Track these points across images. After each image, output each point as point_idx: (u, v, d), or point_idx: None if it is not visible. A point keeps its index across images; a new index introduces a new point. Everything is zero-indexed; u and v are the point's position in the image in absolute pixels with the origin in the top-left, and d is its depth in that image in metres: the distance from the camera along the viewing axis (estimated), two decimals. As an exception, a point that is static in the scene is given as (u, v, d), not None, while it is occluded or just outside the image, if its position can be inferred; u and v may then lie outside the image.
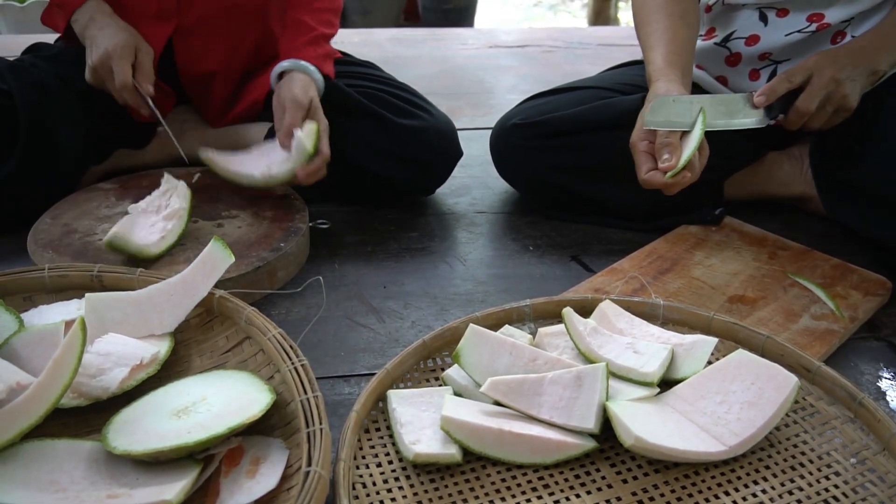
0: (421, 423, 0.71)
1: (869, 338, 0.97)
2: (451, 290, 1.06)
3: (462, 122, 1.69)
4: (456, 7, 4.21)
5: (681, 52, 1.05)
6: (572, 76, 1.46)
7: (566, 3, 5.85)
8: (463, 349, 0.75)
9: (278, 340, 0.73)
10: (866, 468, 0.69)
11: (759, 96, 1.01)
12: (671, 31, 1.05)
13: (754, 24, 1.13)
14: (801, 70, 1.02)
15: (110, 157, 1.26)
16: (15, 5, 3.27)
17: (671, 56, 1.03)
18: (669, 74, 1.01)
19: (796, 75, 1.01)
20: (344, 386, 0.87)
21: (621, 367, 0.75)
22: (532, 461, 0.69)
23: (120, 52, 1.07)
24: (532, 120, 1.19)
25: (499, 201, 1.32)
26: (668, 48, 1.04)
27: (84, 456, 0.63)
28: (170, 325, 0.78)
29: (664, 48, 1.04)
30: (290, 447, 0.66)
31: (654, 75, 1.02)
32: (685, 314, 0.85)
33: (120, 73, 1.07)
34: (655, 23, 1.07)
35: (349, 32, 2.76)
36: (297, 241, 1.05)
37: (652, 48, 1.05)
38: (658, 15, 1.08)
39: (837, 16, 1.08)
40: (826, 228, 1.20)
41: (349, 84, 1.22)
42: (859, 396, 0.73)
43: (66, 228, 1.05)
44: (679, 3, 1.08)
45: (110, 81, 1.09)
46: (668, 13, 1.07)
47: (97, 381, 0.70)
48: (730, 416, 0.71)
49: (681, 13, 1.08)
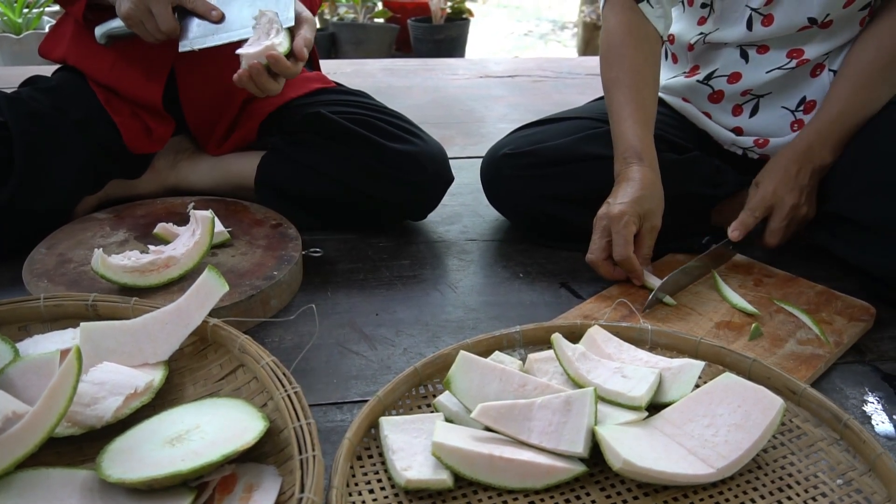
0: (413, 450, 0.72)
1: (854, 362, 0.98)
2: (442, 317, 1.07)
3: (453, 150, 1.71)
4: (447, 38, 4.28)
5: (649, 123, 1.10)
6: (562, 105, 1.49)
7: (556, 32, 5.95)
8: (454, 376, 0.76)
9: (272, 368, 0.73)
10: (853, 489, 0.70)
11: (733, 231, 1.11)
12: (639, 98, 1.10)
13: (735, 62, 1.16)
14: (762, 204, 1.11)
15: (105, 187, 1.27)
16: (11, 37, 3.30)
17: (643, 133, 1.08)
18: (653, 161, 1.08)
19: (758, 210, 1.12)
20: (336, 413, 0.88)
21: (610, 392, 0.76)
22: (523, 486, 0.69)
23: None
24: (522, 150, 1.21)
25: (489, 229, 1.34)
26: (643, 118, 1.09)
27: (78, 485, 0.64)
28: (164, 354, 0.79)
29: (634, 122, 1.08)
30: (283, 474, 0.66)
31: (629, 156, 1.08)
32: (673, 339, 0.86)
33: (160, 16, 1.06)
34: (627, 87, 1.10)
35: (342, 63, 2.80)
36: (289, 270, 1.06)
37: (626, 116, 1.09)
38: (629, 77, 1.11)
39: (817, 51, 1.11)
40: (810, 255, 1.22)
41: (342, 111, 1.24)
42: (844, 418, 0.74)
43: (62, 258, 1.06)
44: (645, 61, 1.12)
45: (149, 22, 1.07)
46: (635, 71, 1.11)
47: (92, 409, 0.71)
48: (717, 439, 0.72)
49: (648, 75, 1.12)
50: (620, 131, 1.09)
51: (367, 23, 4.25)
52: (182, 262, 1.02)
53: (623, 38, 1.12)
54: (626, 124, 1.08)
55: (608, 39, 1.14)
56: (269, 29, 1.05)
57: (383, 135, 1.22)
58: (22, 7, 3.42)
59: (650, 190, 1.05)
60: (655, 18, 1.12)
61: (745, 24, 1.11)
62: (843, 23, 1.09)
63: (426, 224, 1.35)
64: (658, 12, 1.12)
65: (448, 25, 4.29)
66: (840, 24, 1.08)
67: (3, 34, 3.32)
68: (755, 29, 1.11)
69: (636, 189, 1.04)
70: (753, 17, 1.10)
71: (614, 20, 1.13)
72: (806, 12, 1.07)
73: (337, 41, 4.22)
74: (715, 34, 1.15)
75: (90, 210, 1.24)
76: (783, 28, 1.09)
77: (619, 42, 1.12)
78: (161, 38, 1.08)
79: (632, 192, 1.04)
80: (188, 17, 1.10)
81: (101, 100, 1.21)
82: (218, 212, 1.16)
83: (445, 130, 1.90)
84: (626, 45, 1.11)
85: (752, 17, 1.10)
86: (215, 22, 1.08)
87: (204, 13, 1.08)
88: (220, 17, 1.08)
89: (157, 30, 1.07)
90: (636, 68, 1.11)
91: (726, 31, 1.14)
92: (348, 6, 4.28)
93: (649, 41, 1.12)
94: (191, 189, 1.34)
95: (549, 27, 6.10)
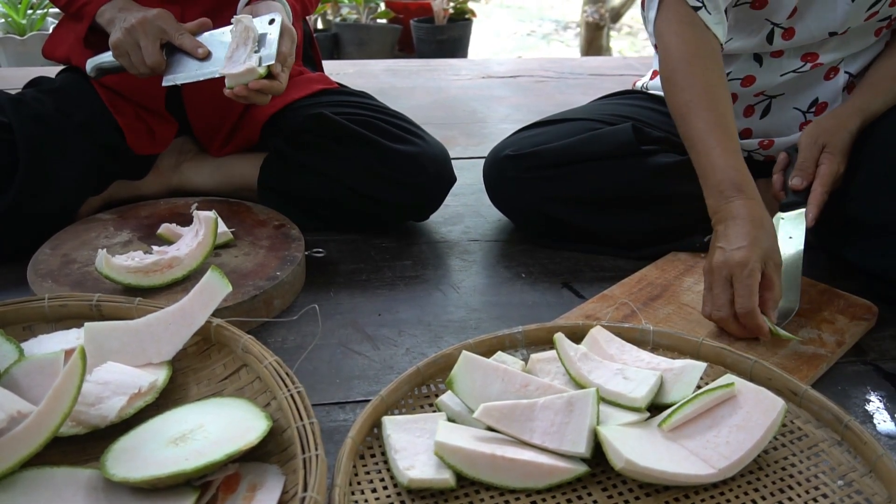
0: (415, 449, 0.72)
1: (856, 362, 0.98)
2: (444, 317, 1.07)
3: (456, 151, 1.72)
4: (450, 38, 4.28)
5: (738, 149, 0.99)
6: (564, 105, 1.49)
7: (559, 32, 5.95)
8: (456, 376, 0.76)
9: (275, 368, 0.74)
10: (853, 490, 0.70)
11: (794, 179, 1.06)
12: (722, 123, 0.98)
13: (750, 66, 1.15)
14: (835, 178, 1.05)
15: (108, 188, 1.28)
16: (15, 38, 3.31)
17: (736, 161, 0.96)
18: (755, 192, 0.96)
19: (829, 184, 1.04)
20: (339, 412, 0.88)
21: (611, 393, 0.76)
22: (525, 486, 0.69)
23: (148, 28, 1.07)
24: (524, 151, 1.21)
25: (492, 229, 1.34)
26: (732, 147, 0.97)
27: (83, 484, 0.64)
28: (168, 354, 0.79)
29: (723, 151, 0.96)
30: (286, 473, 0.67)
31: (726, 188, 0.95)
32: (674, 339, 0.86)
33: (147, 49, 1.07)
34: (707, 111, 0.99)
35: (344, 63, 2.80)
36: (292, 270, 1.06)
37: (713, 146, 0.97)
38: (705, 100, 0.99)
39: (831, 56, 1.11)
40: (812, 254, 1.21)
41: (344, 112, 1.24)
42: (846, 419, 0.74)
43: (66, 259, 1.07)
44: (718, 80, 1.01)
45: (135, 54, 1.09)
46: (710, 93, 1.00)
47: (96, 409, 0.71)
48: (719, 440, 0.72)
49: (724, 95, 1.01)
50: (709, 162, 0.97)
51: (369, 23, 4.26)
52: (185, 263, 1.02)
53: (688, 57, 1.01)
54: (714, 154, 0.96)
55: (671, 59, 1.02)
56: (247, 37, 1.06)
57: (385, 136, 1.22)
58: (26, 8, 3.43)
59: (763, 225, 0.93)
60: (715, 25, 1.02)
61: (765, 38, 1.10)
62: (858, 32, 1.09)
63: (428, 224, 1.35)
64: (717, 18, 1.02)
65: (450, 26, 4.29)
66: (856, 33, 1.09)
67: (7, 35, 3.33)
68: (775, 41, 1.10)
69: (749, 228, 0.92)
70: (775, 31, 1.09)
71: (673, 38, 1.02)
72: (827, 27, 1.06)
73: (339, 42, 4.22)
74: (730, 45, 1.12)
75: (94, 211, 1.25)
76: (803, 40, 1.08)
77: (684, 61, 1.01)
78: (146, 71, 1.10)
79: (746, 233, 0.92)
80: (175, 52, 1.11)
81: (104, 101, 1.22)
82: (221, 213, 1.16)
83: (448, 131, 1.90)
84: (693, 63, 1.00)
85: (773, 31, 1.09)
86: (201, 59, 1.10)
87: (191, 50, 1.09)
88: (207, 55, 1.09)
89: (142, 63, 1.08)
90: (710, 89, 0.99)
91: (743, 43, 1.12)
92: (351, 7, 4.29)
93: (714, 56, 1.02)
94: (194, 190, 1.34)
95: (552, 27, 6.10)
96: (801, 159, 1.05)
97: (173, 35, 1.08)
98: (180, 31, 1.09)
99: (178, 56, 1.11)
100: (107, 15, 1.12)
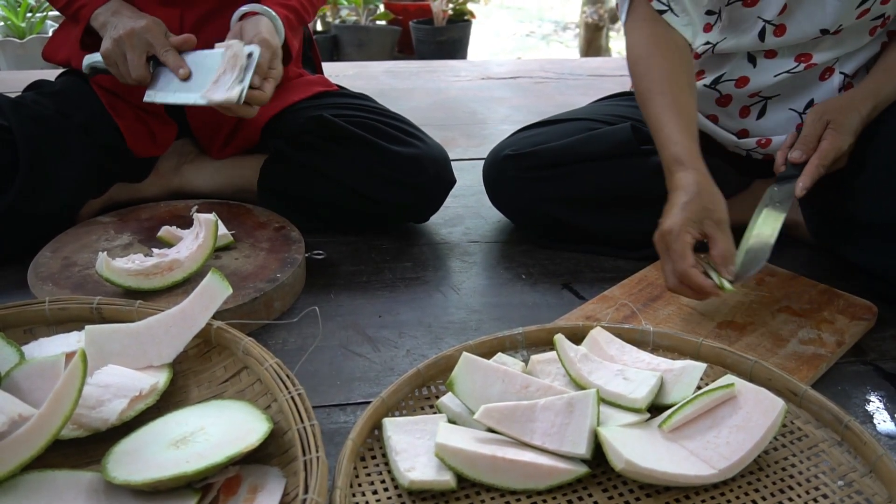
0: (416, 451, 0.72)
1: (856, 362, 0.98)
2: (445, 318, 1.07)
3: (455, 152, 1.72)
4: (449, 39, 4.28)
5: (689, 127, 1.02)
6: (564, 106, 1.49)
7: (559, 33, 5.95)
8: (456, 377, 0.76)
9: (275, 370, 0.74)
10: (853, 490, 0.70)
11: (793, 152, 1.04)
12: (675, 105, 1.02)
13: (743, 67, 1.15)
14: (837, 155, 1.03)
15: (108, 191, 1.28)
16: (15, 41, 3.31)
17: (681, 138, 1.00)
18: (695, 162, 0.98)
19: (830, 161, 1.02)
20: (340, 414, 0.88)
21: (611, 394, 0.76)
22: (525, 487, 0.69)
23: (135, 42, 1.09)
24: (524, 151, 1.22)
25: (492, 231, 1.34)
26: (682, 125, 1.00)
27: (84, 486, 0.64)
28: (168, 357, 0.80)
29: (672, 129, 1.00)
30: (287, 475, 0.67)
31: (670, 164, 0.99)
32: (674, 340, 0.86)
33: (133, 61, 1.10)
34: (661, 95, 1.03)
35: (344, 65, 2.81)
36: (293, 272, 1.06)
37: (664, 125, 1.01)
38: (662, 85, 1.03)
39: (825, 56, 1.11)
40: (812, 254, 1.22)
41: (344, 114, 1.25)
42: (845, 419, 0.74)
43: (66, 262, 1.07)
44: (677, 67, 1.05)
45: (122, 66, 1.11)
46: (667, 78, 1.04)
47: (97, 412, 0.71)
48: (719, 440, 0.72)
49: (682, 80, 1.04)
50: (661, 142, 1.01)
51: (368, 25, 4.26)
52: (186, 265, 1.02)
53: (649, 49, 1.05)
54: (663, 133, 1.01)
55: (634, 52, 1.07)
56: (234, 64, 1.07)
57: (385, 137, 1.22)
58: (25, 11, 3.43)
59: (695, 189, 0.95)
60: (682, 27, 1.06)
61: (756, 35, 1.10)
62: (852, 31, 1.08)
63: (428, 226, 1.35)
64: (684, 20, 1.06)
65: (450, 27, 4.29)
66: (849, 32, 1.08)
67: (7, 39, 3.33)
68: (767, 39, 1.10)
69: (679, 196, 0.96)
70: (766, 28, 1.09)
71: (637, 34, 1.08)
72: (819, 24, 1.06)
73: (339, 44, 4.23)
74: (724, 44, 1.13)
75: (94, 213, 1.25)
76: (795, 38, 1.08)
77: (645, 53, 1.06)
78: (131, 82, 1.12)
79: (676, 202, 0.95)
80: (161, 67, 1.13)
81: (104, 103, 1.22)
82: (221, 215, 1.16)
83: (447, 132, 1.90)
84: (653, 54, 1.05)
85: (765, 29, 1.09)
86: (181, 79, 1.11)
87: (173, 68, 1.11)
88: (187, 76, 1.11)
89: (128, 74, 1.11)
90: (667, 75, 1.04)
91: (736, 41, 1.13)
92: (350, 8, 4.29)
93: (678, 48, 1.06)
94: (194, 192, 1.34)
95: (552, 28, 6.10)
96: (804, 134, 1.05)
97: (158, 50, 1.10)
98: (165, 48, 1.11)
99: (164, 70, 1.13)
100: (100, 19, 1.13)
